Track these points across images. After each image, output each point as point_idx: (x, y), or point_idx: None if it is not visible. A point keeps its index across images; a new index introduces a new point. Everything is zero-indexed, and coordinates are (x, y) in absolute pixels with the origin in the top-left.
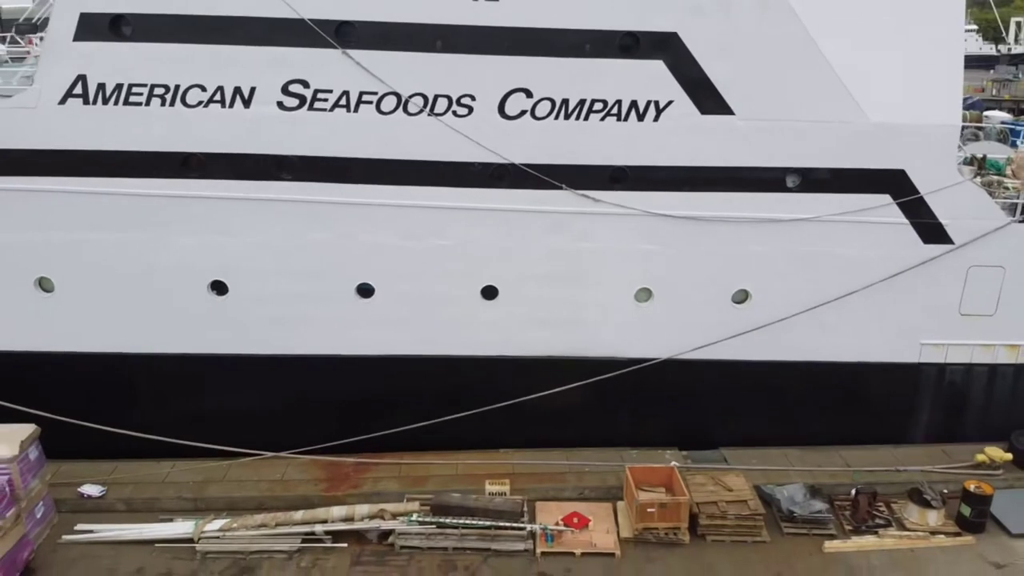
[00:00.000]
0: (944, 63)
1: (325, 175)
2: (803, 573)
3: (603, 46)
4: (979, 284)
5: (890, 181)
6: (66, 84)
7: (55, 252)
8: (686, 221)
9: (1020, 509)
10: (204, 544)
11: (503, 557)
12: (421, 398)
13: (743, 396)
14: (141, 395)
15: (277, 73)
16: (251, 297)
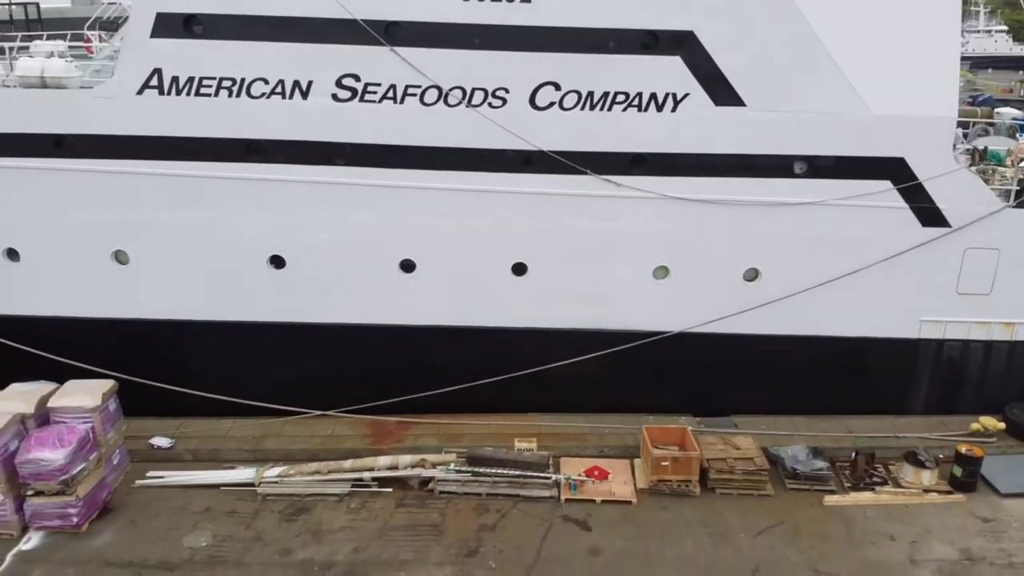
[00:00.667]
0: (941, 59)
1: (373, 161)
2: (803, 522)
3: (626, 43)
4: (975, 265)
5: (890, 168)
6: (143, 77)
7: (130, 228)
8: (701, 204)
9: (1010, 472)
10: (264, 488)
11: (530, 502)
12: (457, 364)
13: (753, 367)
14: (205, 359)
15: (332, 68)
16: (305, 271)
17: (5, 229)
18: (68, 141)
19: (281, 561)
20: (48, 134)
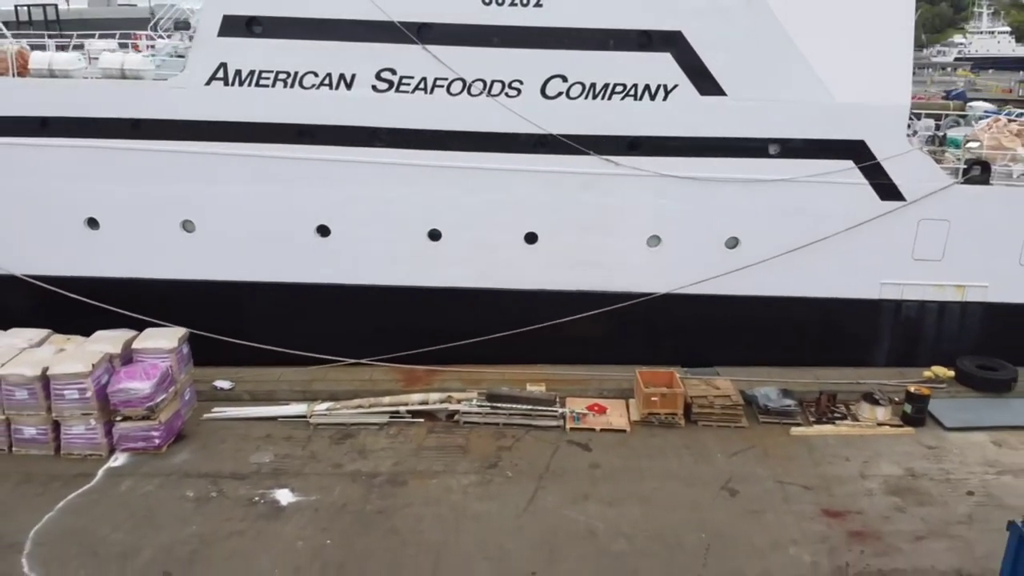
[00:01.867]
0: (895, 55)
1: (407, 143)
2: (772, 447)
3: (623, 41)
4: (928, 234)
5: (853, 149)
6: (211, 70)
7: (196, 201)
8: (689, 181)
9: (955, 411)
10: (315, 419)
11: (541, 431)
12: (476, 321)
13: (734, 324)
14: (259, 315)
15: (372, 63)
16: (347, 238)
17: (87, 201)
18: (144, 125)
19: (334, 472)
20: (127, 119)
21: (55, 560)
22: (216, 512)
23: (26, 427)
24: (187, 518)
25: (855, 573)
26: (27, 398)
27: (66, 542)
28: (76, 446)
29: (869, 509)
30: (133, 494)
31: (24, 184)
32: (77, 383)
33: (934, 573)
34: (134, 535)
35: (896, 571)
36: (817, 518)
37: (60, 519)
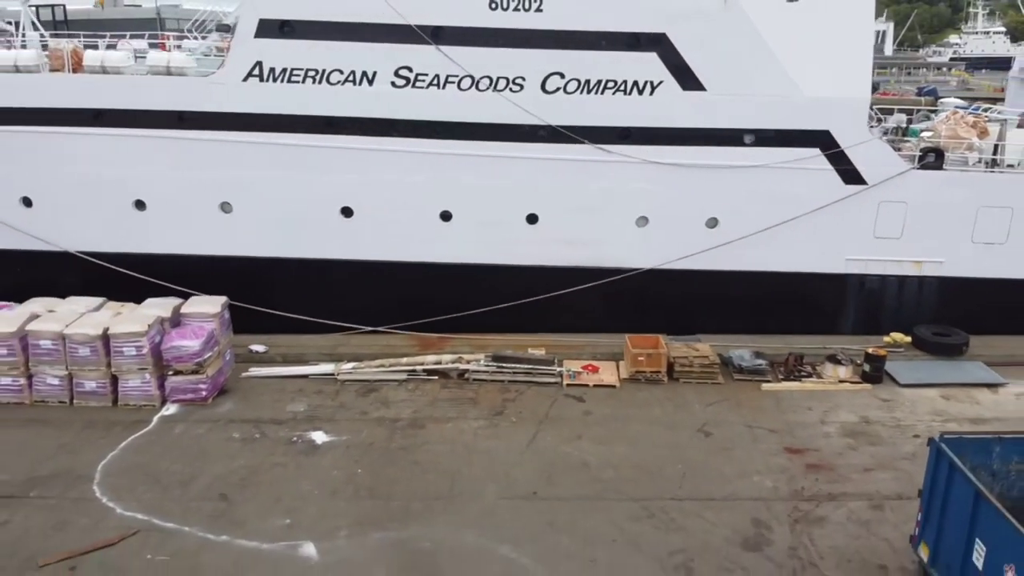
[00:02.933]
0: (856, 54)
1: (422, 133)
2: (744, 399)
3: (614, 42)
4: (888, 215)
5: (819, 139)
6: (248, 67)
7: (234, 184)
8: (673, 167)
9: (910, 371)
10: (343, 376)
11: (541, 386)
12: (483, 293)
13: (714, 296)
14: (289, 287)
15: (391, 61)
16: (368, 219)
17: (135, 185)
18: (187, 116)
19: (361, 418)
20: (172, 111)
21: (123, 487)
22: (260, 449)
23: (87, 381)
24: (235, 454)
25: (808, 495)
26: (89, 354)
27: (131, 473)
28: (132, 397)
29: (826, 447)
30: (186, 436)
31: (78, 170)
32: (135, 341)
33: (878, 496)
34: (191, 467)
35: (845, 494)
36: (780, 454)
37: (123, 456)
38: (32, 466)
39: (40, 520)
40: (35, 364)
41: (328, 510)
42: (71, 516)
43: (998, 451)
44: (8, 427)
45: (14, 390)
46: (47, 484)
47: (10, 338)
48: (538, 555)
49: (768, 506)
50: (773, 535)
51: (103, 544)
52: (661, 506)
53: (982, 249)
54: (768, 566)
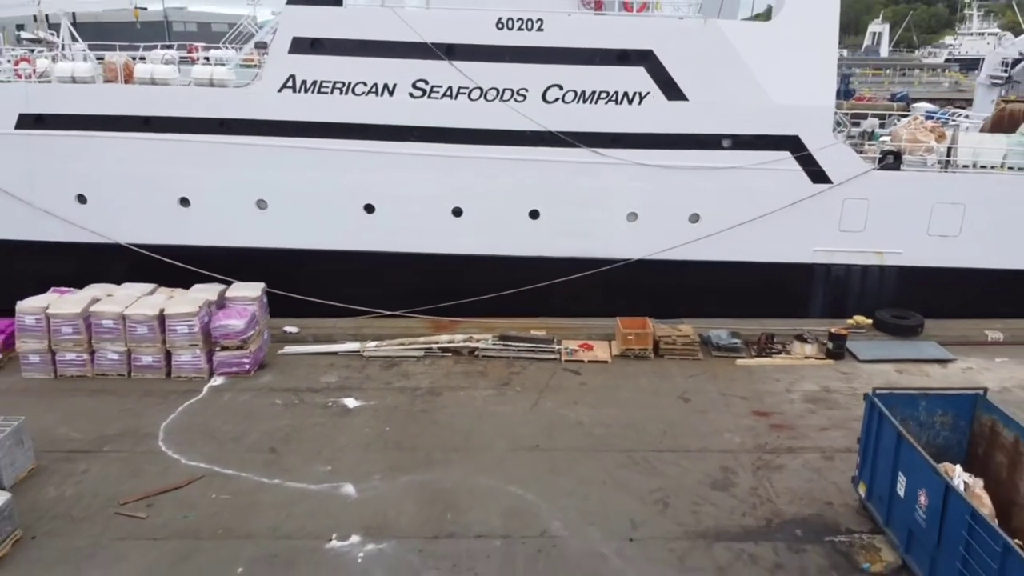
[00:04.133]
0: (822, 67)
1: (436, 138)
2: (720, 372)
3: (607, 58)
4: (852, 211)
5: (789, 142)
6: (282, 80)
7: (268, 184)
8: (659, 168)
9: (869, 348)
10: (367, 353)
11: (541, 362)
12: (490, 281)
13: (695, 283)
14: (318, 276)
15: (409, 75)
16: (388, 215)
17: (181, 184)
18: (228, 123)
19: (386, 387)
20: (214, 118)
21: (184, 443)
22: (300, 412)
23: (144, 356)
24: (279, 415)
25: (771, 448)
26: (147, 332)
27: (189, 431)
28: (184, 370)
29: (789, 411)
30: (234, 401)
31: (129, 170)
32: (187, 321)
33: (830, 450)
34: (241, 426)
35: (802, 448)
36: (748, 416)
37: (181, 418)
38: (101, 427)
39: (115, 469)
40: (97, 341)
41: (362, 459)
42: (142, 466)
43: (924, 405)
44: (75, 396)
45: (78, 364)
46: (117, 441)
47: (75, 318)
48: (541, 493)
49: (735, 457)
50: (738, 479)
51: (174, 486)
52: (644, 456)
53: (937, 241)
54: (732, 501)
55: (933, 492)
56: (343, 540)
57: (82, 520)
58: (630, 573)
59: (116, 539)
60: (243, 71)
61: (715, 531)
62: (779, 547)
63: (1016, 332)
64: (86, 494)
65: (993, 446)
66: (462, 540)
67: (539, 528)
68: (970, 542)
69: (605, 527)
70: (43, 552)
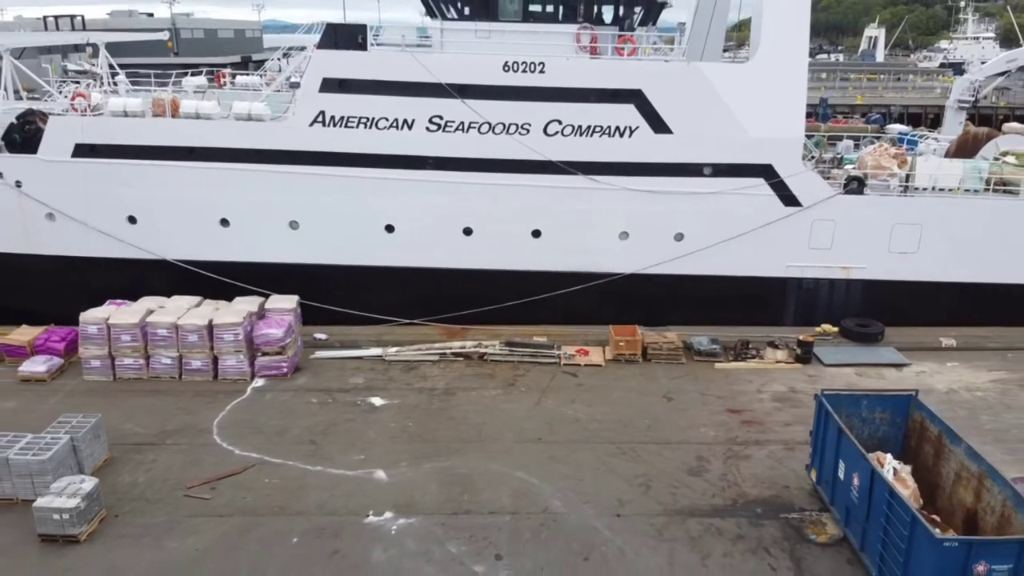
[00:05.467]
0: (792, 103)
1: (449, 166)
2: (701, 375)
3: (601, 96)
4: (820, 230)
5: (763, 170)
6: (313, 115)
7: (300, 206)
8: (647, 193)
9: (833, 353)
10: (389, 357)
11: (543, 365)
12: (497, 293)
13: (680, 295)
14: (344, 288)
15: (425, 111)
16: (406, 234)
17: (221, 206)
18: (264, 153)
19: (407, 387)
20: (252, 149)
21: (235, 436)
22: (334, 409)
23: (194, 360)
24: (315, 412)
25: (740, 441)
26: (197, 340)
27: (239, 426)
28: (229, 373)
29: (758, 409)
30: (275, 400)
31: (175, 194)
32: (233, 330)
33: (792, 442)
34: (283, 422)
35: (768, 440)
36: (723, 413)
37: (230, 415)
38: (161, 423)
39: (179, 459)
40: (152, 348)
41: (390, 449)
42: (201, 456)
43: (865, 404)
44: (134, 396)
45: (135, 368)
46: (177, 435)
47: (133, 328)
48: (543, 477)
49: (709, 448)
50: (711, 466)
51: (232, 472)
52: (631, 447)
53: (897, 257)
54: (704, 485)
55: (863, 475)
56: (379, 516)
57: (156, 501)
58: (617, 542)
59: (187, 516)
60: (277, 105)
61: (689, 509)
62: (742, 522)
63: (968, 339)
64: (157, 480)
65: (922, 439)
66: (477, 516)
67: (542, 506)
68: (889, 515)
69: (597, 505)
70: (127, 528)
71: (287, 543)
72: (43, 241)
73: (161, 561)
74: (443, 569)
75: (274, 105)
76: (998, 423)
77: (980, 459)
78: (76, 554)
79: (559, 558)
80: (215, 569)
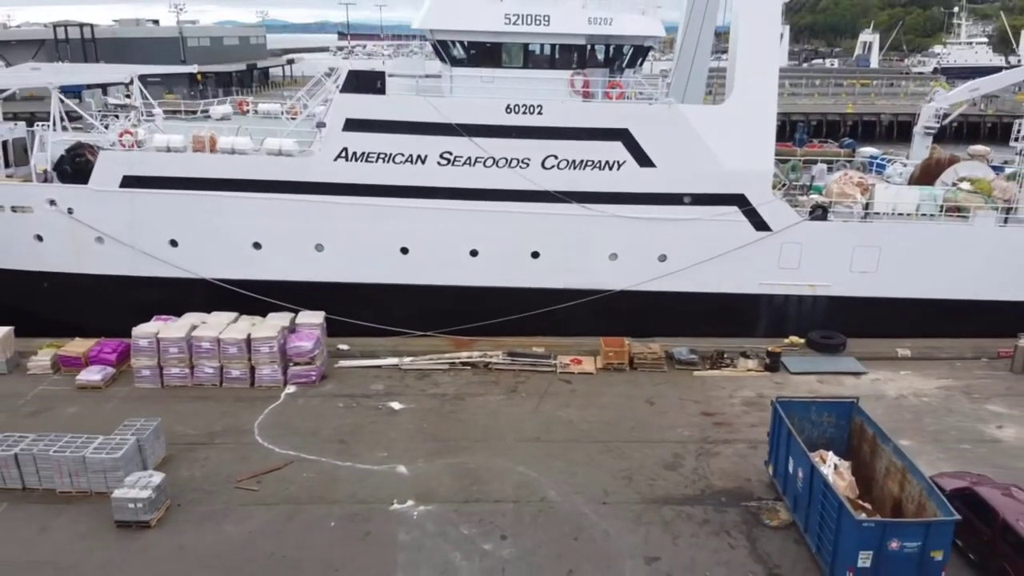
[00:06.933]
0: (762, 140)
1: (458, 195)
2: (680, 381)
3: (592, 135)
4: (789, 252)
5: (737, 199)
6: (337, 151)
7: (324, 231)
8: (634, 219)
9: (799, 363)
10: (405, 366)
11: (541, 373)
12: (500, 308)
13: (664, 310)
14: (362, 304)
15: (437, 148)
16: (419, 255)
17: (254, 231)
18: (294, 184)
19: (421, 393)
20: (282, 180)
21: (274, 436)
22: (358, 413)
23: (234, 370)
24: (342, 415)
25: (711, 440)
26: (236, 352)
27: (276, 427)
28: (265, 381)
29: (729, 412)
30: (307, 405)
31: (213, 220)
32: (268, 343)
33: (756, 441)
34: (315, 423)
35: (735, 440)
36: (698, 416)
37: (268, 418)
38: (209, 425)
39: (228, 456)
40: (196, 359)
41: (409, 447)
42: (247, 453)
43: (814, 409)
44: (181, 401)
45: (181, 377)
46: (224, 435)
47: (180, 341)
48: (540, 471)
49: (684, 446)
50: (684, 462)
51: (274, 468)
52: (617, 445)
53: (858, 276)
54: (678, 478)
55: (806, 470)
56: (402, 504)
57: (212, 492)
58: (603, 525)
59: (240, 505)
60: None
61: (664, 498)
62: (708, 509)
63: (921, 349)
64: (211, 474)
65: (861, 439)
66: (485, 503)
67: (540, 495)
68: (824, 502)
69: (586, 495)
70: (190, 515)
71: (326, 526)
72: (93, 262)
73: (221, 542)
74: (458, 547)
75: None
76: (939, 425)
77: (904, 456)
78: (148, 537)
79: (554, 538)
80: (267, 548)
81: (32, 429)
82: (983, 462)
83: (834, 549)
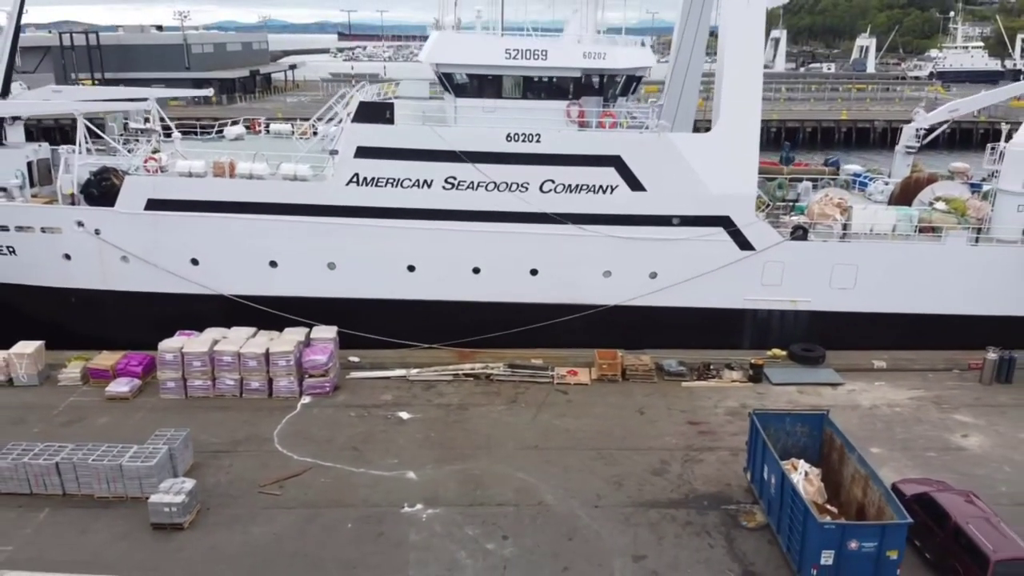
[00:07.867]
0: (746, 165)
1: (461, 217)
2: (670, 392)
3: (587, 161)
4: (771, 270)
5: (723, 220)
6: (348, 176)
7: (336, 250)
8: (626, 239)
9: (781, 374)
10: (412, 377)
11: (540, 384)
12: (501, 322)
13: (655, 324)
14: (372, 318)
15: (442, 173)
16: (425, 273)
17: (270, 251)
18: (307, 207)
19: (427, 403)
20: (297, 203)
21: (292, 444)
22: (370, 422)
23: (253, 382)
24: (355, 424)
25: (696, 448)
26: (256, 365)
27: (293, 436)
28: (282, 392)
29: (713, 421)
30: (321, 415)
31: (232, 241)
32: (286, 356)
33: (737, 448)
34: (330, 432)
35: (718, 447)
36: (684, 425)
37: (286, 427)
38: (231, 433)
39: (251, 463)
40: (218, 371)
41: (417, 454)
42: (268, 460)
43: (788, 420)
44: (206, 411)
45: (203, 388)
46: (245, 443)
47: (203, 355)
48: (539, 477)
49: (671, 453)
50: (671, 468)
51: (294, 473)
52: (609, 452)
53: (837, 292)
54: (664, 483)
55: (778, 477)
56: (412, 507)
57: (237, 496)
58: (595, 527)
59: (264, 508)
60: (317, 166)
61: (651, 502)
62: (691, 512)
63: (896, 361)
64: (236, 480)
65: (831, 448)
66: (488, 506)
67: (538, 499)
68: (792, 506)
69: (580, 498)
70: (219, 518)
71: (344, 528)
72: (118, 279)
73: (249, 543)
74: (463, 546)
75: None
76: (908, 434)
77: (866, 465)
78: (182, 538)
79: (551, 538)
80: (291, 548)
81: (67, 439)
82: (946, 469)
83: (801, 548)
